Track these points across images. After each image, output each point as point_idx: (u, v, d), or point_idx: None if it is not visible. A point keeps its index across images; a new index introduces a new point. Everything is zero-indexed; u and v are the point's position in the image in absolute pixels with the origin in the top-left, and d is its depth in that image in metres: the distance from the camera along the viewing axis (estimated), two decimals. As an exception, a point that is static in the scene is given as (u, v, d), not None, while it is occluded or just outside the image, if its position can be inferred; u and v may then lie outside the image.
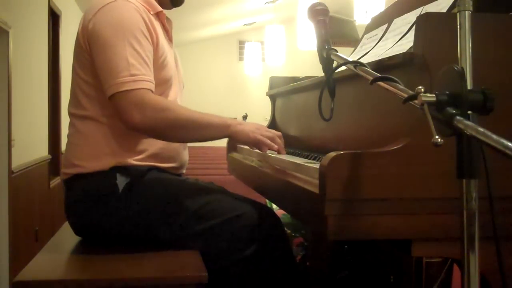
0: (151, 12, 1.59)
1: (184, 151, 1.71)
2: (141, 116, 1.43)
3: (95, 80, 1.51)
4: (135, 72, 1.44)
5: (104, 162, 1.51)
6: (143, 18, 1.51)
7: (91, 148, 1.53)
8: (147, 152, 1.56)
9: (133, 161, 1.53)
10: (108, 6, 1.49)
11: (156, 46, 1.54)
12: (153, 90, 1.48)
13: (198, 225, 1.48)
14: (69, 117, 1.61)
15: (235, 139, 1.55)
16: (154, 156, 1.57)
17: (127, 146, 1.54)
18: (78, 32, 1.55)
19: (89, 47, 1.50)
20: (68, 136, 1.61)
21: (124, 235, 1.51)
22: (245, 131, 1.53)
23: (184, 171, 1.73)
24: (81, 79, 1.55)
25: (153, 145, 1.57)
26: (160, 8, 1.62)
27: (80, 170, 1.53)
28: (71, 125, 1.61)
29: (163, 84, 1.58)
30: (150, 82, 1.47)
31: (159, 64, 1.56)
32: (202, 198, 1.52)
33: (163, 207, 1.50)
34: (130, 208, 1.49)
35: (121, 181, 1.50)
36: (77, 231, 1.60)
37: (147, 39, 1.50)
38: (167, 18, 1.68)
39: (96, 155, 1.52)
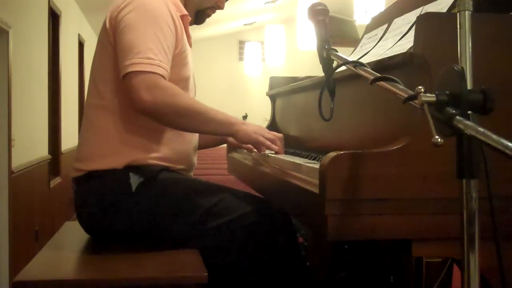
0: (178, 14, 1.61)
1: (194, 155, 1.73)
2: (151, 98, 1.43)
3: (114, 65, 1.53)
4: (152, 56, 1.45)
5: (118, 160, 1.52)
6: (170, 12, 1.54)
7: (105, 143, 1.54)
8: (160, 152, 1.57)
9: (146, 160, 1.54)
10: None
11: (179, 41, 1.57)
12: (166, 78, 1.49)
13: (209, 223, 1.49)
14: (85, 107, 1.63)
15: (237, 138, 1.57)
16: (167, 157, 1.58)
17: (141, 144, 1.55)
18: (105, 18, 1.57)
19: (114, 31, 1.52)
20: (83, 130, 1.62)
21: (136, 234, 1.52)
22: (248, 131, 1.55)
23: (192, 174, 1.74)
24: (102, 64, 1.57)
25: (166, 145, 1.58)
26: (185, 12, 1.65)
27: (94, 166, 1.53)
28: (86, 117, 1.61)
29: (181, 81, 1.60)
30: (165, 69, 1.48)
31: (180, 60, 1.58)
32: (214, 196, 1.54)
33: (175, 205, 1.51)
34: (143, 207, 1.50)
35: (135, 180, 1.51)
36: (87, 230, 1.61)
37: (171, 31, 1.53)
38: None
39: (110, 152, 1.53)
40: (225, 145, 2.33)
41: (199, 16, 1.76)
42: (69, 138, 5.52)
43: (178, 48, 1.56)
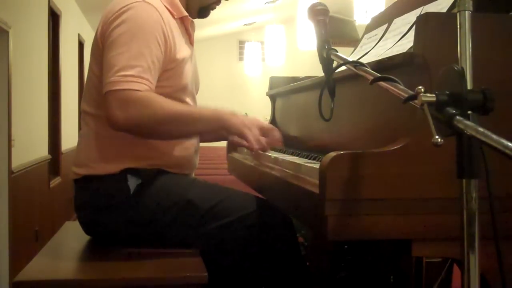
0: (176, 17, 1.58)
1: (196, 157, 1.70)
2: (125, 115, 1.38)
3: None
4: (131, 73, 1.40)
5: (115, 166, 1.50)
6: (161, 25, 1.49)
7: (103, 150, 1.53)
8: (159, 160, 1.55)
9: (144, 165, 1.53)
10: (129, 6, 1.48)
11: (174, 54, 1.52)
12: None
13: (209, 224, 1.49)
14: (83, 114, 1.60)
15: (229, 132, 1.49)
16: (167, 164, 1.57)
17: (141, 154, 1.52)
18: (97, 29, 1.55)
19: (103, 44, 1.50)
20: (81, 134, 1.61)
21: (135, 236, 1.51)
22: (237, 124, 1.47)
23: (193, 174, 1.73)
24: (96, 75, 1.54)
25: (165, 154, 1.56)
26: (185, 13, 1.62)
27: (91, 171, 1.52)
28: (84, 123, 1.60)
29: (179, 90, 1.57)
30: (144, 84, 1.42)
31: (176, 70, 1.54)
32: (214, 197, 1.53)
33: (175, 207, 1.50)
34: (142, 209, 1.49)
35: (132, 182, 1.50)
36: (87, 231, 1.61)
37: (159, 46, 1.47)
38: (191, 22, 1.67)
39: (108, 159, 1.52)
40: (225, 145, 2.33)
41: (203, 12, 1.71)
42: (69, 138, 5.51)
43: (173, 61, 1.52)
